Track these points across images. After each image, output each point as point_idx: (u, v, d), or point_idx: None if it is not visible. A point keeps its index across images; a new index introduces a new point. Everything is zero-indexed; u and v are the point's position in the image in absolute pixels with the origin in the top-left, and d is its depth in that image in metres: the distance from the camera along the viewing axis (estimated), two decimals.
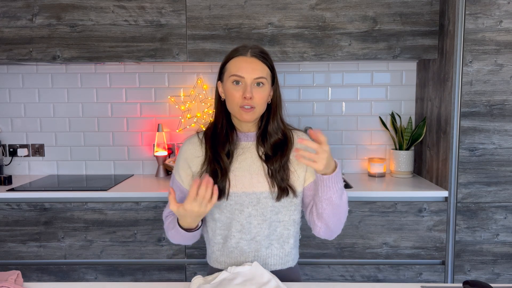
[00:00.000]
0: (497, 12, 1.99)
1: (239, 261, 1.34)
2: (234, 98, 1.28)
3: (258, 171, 1.32)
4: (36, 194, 2.17)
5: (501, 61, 2.02)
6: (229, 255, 1.34)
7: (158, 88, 2.62)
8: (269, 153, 1.34)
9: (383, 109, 2.61)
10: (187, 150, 1.37)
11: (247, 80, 1.27)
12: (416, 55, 2.23)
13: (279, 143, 1.35)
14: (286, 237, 1.35)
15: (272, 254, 1.34)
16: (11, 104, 2.63)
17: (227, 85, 1.30)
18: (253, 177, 1.32)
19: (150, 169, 2.67)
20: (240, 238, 1.32)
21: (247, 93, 1.26)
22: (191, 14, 2.21)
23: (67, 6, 2.22)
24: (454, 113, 2.07)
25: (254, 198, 1.30)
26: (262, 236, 1.32)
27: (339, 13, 2.20)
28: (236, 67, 1.28)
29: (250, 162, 1.33)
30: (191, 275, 2.19)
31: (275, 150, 1.34)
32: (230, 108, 1.31)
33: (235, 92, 1.28)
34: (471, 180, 2.09)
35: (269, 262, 1.34)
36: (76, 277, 2.20)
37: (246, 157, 1.34)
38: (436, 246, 2.14)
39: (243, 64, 1.28)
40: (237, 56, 1.30)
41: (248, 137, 1.36)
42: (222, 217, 1.32)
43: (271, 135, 1.35)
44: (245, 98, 1.26)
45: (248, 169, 1.32)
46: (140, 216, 2.16)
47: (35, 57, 2.25)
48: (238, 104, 1.28)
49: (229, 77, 1.29)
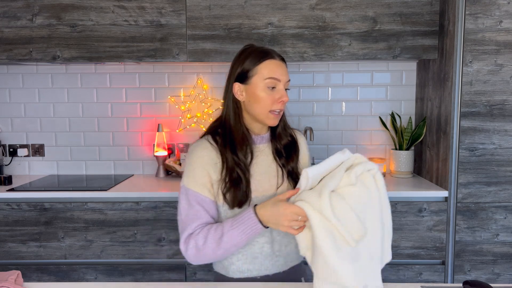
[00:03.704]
0: (497, 12, 1.99)
1: (263, 265, 1.31)
2: (266, 103, 1.26)
3: (274, 172, 1.32)
4: (36, 194, 2.17)
5: (501, 61, 2.02)
6: (252, 262, 1.31)
7: (158, 88, 2.62)
8: (283, 154, 1.34)
9: (383, 109, 2.61)
10: (203, 157, 1.27)
11: (282, 83, 1.27)
12: (416, 55, 2.23)
13: (289, 144, 1.37)
14: None
15: (292, 251, 1.34)
16: (11, 104, 2.63)
17: (259, 89, 1.26)
18: (271, 179, 1.31)
19: (150, 169, 2.67)
20: (264, 242, 1.30)
21: (285, 96, 1.26)
22: (191, 14, 2.21)
23: (67, 6, 2.22)
24: (454, 113, 2.07)
25: None
26: (281, 235, 1.31)
27: (339, 13, 2.20)
28: (271, 70, 1.25)
29: (266, 164, 1.32)
30: (191, 275, 2.19)
31: (288, 151, 1.35)
32: (257, 112, 1.28)
33: (268, 97, 1.26)
34: (471, 180, 2.09)
35: (289, 259, 1.34)
36: (76, 277, 2.20)
37: (262, 159, 1.33)
38: (436, 246, 2.14)
39: (277, 68, 1.26)
40: (268, 59, 1.27)
41: (262, 139, 1.35)
42: None
43: (281, 136, 1.36)
44: (282, 101, 1.26)
45: (265, 171, 1.31)
46: (140, 216, 2.16)
47: (35, 57, 2.25)
48: (269, 109, 1.26)
49: (263, 80, 1.25)
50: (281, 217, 1.12)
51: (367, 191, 1.10)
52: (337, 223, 1.04)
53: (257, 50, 1.29)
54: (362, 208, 1.09)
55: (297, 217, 1.11)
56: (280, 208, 1.12)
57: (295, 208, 1.10)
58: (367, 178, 1.12)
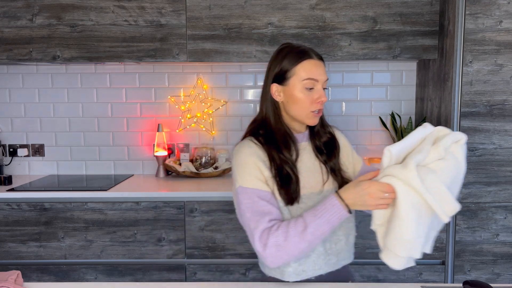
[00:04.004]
0: (497, 12, 1.99)
1: (317, 265, 1.29)
2: (304, 104, 1.26)
3: (319, 169, 1.32)
4: (36, 194, 2.17)
5: (501, 61, 2.02)
6: (305, 262, 1.28)
7: (158, 88, 2.62)
8: (324, 151, 1.35)
9: (383, 109, 2.61)
10: (252, 154, 1.25)
11: (320, 84, 1.26)
12: (416, 55, 2.23)
13: (329, 141, 1.37)
14: (350, 229, 1.34)
15: (342, 249, 1.32)
16: (11, 104, 2.63)
17: (297, 90, 1.25)
18: (316, 176, 1.31)
19: (150, 169, 2.67)
20: None
21: (323, 96, 1.26)
22: (191, 14, 2.21)
23: (67, 6, 2.22)
24: (454, 113, 2.07)
25: (322, 197, 1.29)
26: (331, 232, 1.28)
27: (339, 13, 2.20)
28: (309, 71, 1.25)
29: (309, 162, 1.32)
30: (191, 275, 2.19)
31: (328, 148, 1.36)
32: (296, 113, 1.28)
33: (306, 98, 1.25)
34: (471, 180, 2.09)
35: (340, 257, 1.32)
36: (76, 277, 2.20)
37: (305, 157, 1.33)
38: (436, 246, 2.14)
39: (315, 68, 1.26)
40: (306, 59, 1.25)
41: (303, 137, 1.35)
42: None
43: (320, 134, 1.36)
44: (321, 102, 1.26)
45: (310, 169, 1.31)
46: (140, 216, 2.16)
47: (35, 57, 2.25)
48: (310, 109, 1.26)
49: (301, 81, 1.25)
50: (366, 196, 1.09)
51: (456, 163, 1.06)
52: (428, 197, 1.00)
53: (294, 50, 1.27)
54: (452, 180, 1.06)
55: (383, 194, 1.07)
56: (364, 186, 1.09)
57: (379, 185, 1.07)
58: (456, 149, 1.08)
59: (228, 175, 2.55)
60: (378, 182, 1.08)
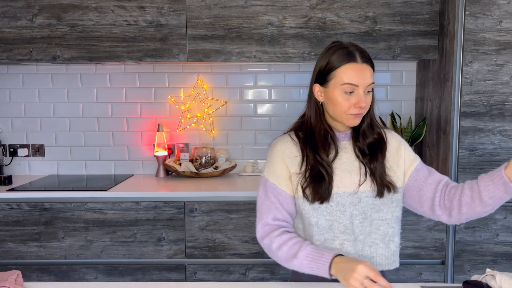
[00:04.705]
0: (497, 12, 1.99)
1: None
2: (343, 107, 1.25)
3: (357, 170, 1.30)
4: (36, 194, 2.17)
5: (501, 61, 2.02)
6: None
7: (158, 88, 2.62)
8: (366, 152, 1.31)
9: (383, 109, 2.61)
10: (283, 151, 1.31)
11: (361, 89, 1.24)
12: (416, 55, 2.23)
13: (375, 142, 1.33)
14: (391, 236, 1.32)
15: (378, 253, 1.31)
16: (11, 104, 2.63)
17: (336, 93, 1.25)
18: (353, 176, 1.29)
19: (150, 169, 2.67)
20: (344, 239, 1.28)
21: (363, 102, 1.24)
22: (191, 14, 2.21)
23: (67, 6, 2.22)
24: (454, 113, 2.07)
25: (356, 198, 1.28)
26: (364, 234, 1.29)
27: (339, 13, 2.20)
28: (349, 76, 1.23)
29: (348, 161, 1.31)
30: (191, 275, 2.19)
31: (372, 149, 1.32)
32: (335, 114, 1.28)
33: (345, 101, 1.24)
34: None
35: (374, 262, 1.31)
36: (76, 277, 2.20)
37: (344, 156, 1.32)
38: (436, 246, 2.14)
39: (357, 73, 1.23)
40: (348, 63, 1.23)
41: (345, 136, 1.34)
42: (320, 220, 1.28)
43: (366, 134, 1.33)
44: (360, 107, 1.24)
45: (347, 168, 1.30)
46: (140, 216, 2.16)
47: (35, 57, 2.25)
48: (347, 112, 1.25)
49: (340, 85, 1.24)
50: (350, 272, 1.09)
51: None
52: None
53: (339, 52, 1.25)
54: None
55: (363, 278, 1.07)
56: (354, 264, 1.10)
57: (369, 269, 1.07)
58: None
59: (228, 175, 2.56)
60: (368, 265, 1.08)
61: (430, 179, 1.31)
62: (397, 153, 1.34)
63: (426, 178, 1.31)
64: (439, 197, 1.29)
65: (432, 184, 1.30)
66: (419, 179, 1.32)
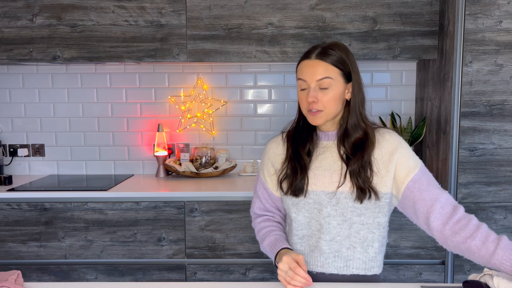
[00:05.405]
0: (497, 12, 1.99)
1: (319, 262, 1.32)
2: (303, 102, 1.31)
3: (338, 170, 1.30)
4: (36, 194, 2.17)
5: (501, 61, 2.02)
6: (309, 254, 1.33)
7: (158, 88, 2.62)
8: (349, 153, 1.29)
9: (383, 109, 2.61)
10: (270, 149, 1.41)
11: (310, 84, 1.27)
12: (416, 55, 2.23)
13: (360, 142, 1.29)
14: (371, 241, 1.30)
15: (355, 257, 1.30)
16: (12, 104, 2.63)
17: (298, 90, 1.33)
18: (333, 176, 1.30)
19: (150, 169, 2.67)
20: (319, 237, 1.30)
21: (310, 97, 1.26)
22: (191, 14, 2.21)
23: (67, 6, 2.22)
24: (454, 113, 2.07)
25: (334, 198, 1.28)
26: (342, 236, 1.29)
27: (339, 13, 2.20)
28: (300, 72, 1.31)
29: (330, 161, 1.32)
30: (191, 275, 2.19)
31: (355, 150, 1.29)
32: (303, 111, 1.33)
33: (302, 97, 1.30)
34: (471, 180, 2.09)
35: (351, 265, 1.31)
36: (76, 277, 2.21)
37: (327, 156, 1.33)
38: (436, 246, 2.14)
39: (307, 69, 1.28)
40: (303, 60, 1.31)
41: (328, 136, 1.35)
42: (299, 216, 1.33)
43: (349, 133, 1.30)
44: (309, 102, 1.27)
45: (328, 168, 1.31)
46: (140, 216, 2.16)
47: (36, 57, 2.25)
48: (306, 108, 1.29)
49: (297, 81, 1.33)
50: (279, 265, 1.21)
51: None
52: None
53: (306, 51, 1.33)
54: None
55: (287, 270, 1.17)
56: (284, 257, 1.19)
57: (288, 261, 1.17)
58: None
59: (228, 175, 2.56)
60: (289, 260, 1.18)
61: (425, 194, 1.23)
62: (389, 158, 1.28)
63: (421, 192, 1.24)
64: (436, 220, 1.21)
65: (426, 201, 1.23)
66: (415, 191, 1.24)
